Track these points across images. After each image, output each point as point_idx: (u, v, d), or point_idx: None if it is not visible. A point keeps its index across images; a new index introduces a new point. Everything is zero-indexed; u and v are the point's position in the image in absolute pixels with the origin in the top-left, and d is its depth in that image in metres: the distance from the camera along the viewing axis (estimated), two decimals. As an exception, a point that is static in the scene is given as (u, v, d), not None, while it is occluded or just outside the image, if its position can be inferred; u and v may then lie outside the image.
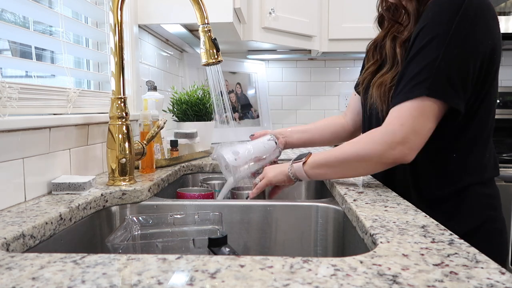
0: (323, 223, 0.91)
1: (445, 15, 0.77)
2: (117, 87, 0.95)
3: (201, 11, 0.98)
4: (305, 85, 2.60)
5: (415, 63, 0.79)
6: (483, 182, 0.88)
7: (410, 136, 0.78)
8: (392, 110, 0.81)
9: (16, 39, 0.97)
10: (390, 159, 0.80)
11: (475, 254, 0.49)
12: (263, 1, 1.85)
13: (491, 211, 0.88)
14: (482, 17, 0.78)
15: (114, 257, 0.48)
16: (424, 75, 0.77)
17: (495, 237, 0.87)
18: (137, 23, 1.48)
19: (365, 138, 0.84)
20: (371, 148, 0.81)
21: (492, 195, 0.89)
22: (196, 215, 0.82)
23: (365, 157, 0.82)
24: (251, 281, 0.41)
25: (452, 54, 0.76)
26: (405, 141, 0.78)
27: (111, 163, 0.94)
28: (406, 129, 0.77)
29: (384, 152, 0.80)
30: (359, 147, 0.83)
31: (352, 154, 0.84)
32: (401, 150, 0.78)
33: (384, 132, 0.80)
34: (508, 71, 2.53)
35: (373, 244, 0.56)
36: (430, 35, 0.78)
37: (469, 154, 0.86)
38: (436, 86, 0.76)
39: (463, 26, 0.76)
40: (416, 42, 0.80)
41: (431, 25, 0.79)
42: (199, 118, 1.55)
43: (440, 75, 0.76)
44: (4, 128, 0.72)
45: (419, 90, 0.77)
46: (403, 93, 0.79)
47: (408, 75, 0.80)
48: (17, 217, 0.67)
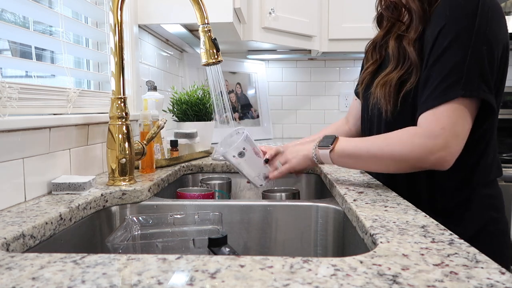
0: (323, 223, 0.91)
1: (464, 13, 0.76)
2: (117, 87, 0.95)
3: (201, 11, 0.98)
4: (305, 85, 2.60)
5: (441, 65, 0.77)
6: (487, 183, 0.87)
7: (452, 140, 0.75)
8: (427, 114, 0.77)
9: (16, 39, 0.97)
10: (428, 164, 0.77)
11: (475, 254, 0.49)
12: (263, 1, 1.85)
13: (494, 213, 0.87)
14: (495, 14, 0.77)
15: (114, 257, 0.48)
16: (455, 76, 0.75)
17: (498, 239, 0.86)
18: (137, 23, 1.48)
19: (403, 138, 0.79)
20: (410, 150, 0.77)
21: (495, 196, 0.88)
22: (196, 215, 0.82)
23: (402, 158, 0.79)
24: (251, 281, 0.41)
25: (479, 51, 0.75)
26: (447, 146, 0.75)
27: (111, 163, 0.94)
28: (448, 133, 0.74)
29: (423, 157, 0.76)
30: (397, 147, 0.79)
31: (387, 152, 0.80)
32: (441, 155, 0.75)
33: (426, 135, 0.76)
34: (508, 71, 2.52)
35: (373, 244, 0.56)
36: (452, 35, 0.76)
37: (476, 155, 0.85)
38: (471, 85, 0.74)
39: (484, 23, 0.75)
40: (438, 43, 0.78)
41: (451, 24, 0.77)
42: (199, 118, 1.55)
43: (472, 73, 0.74)
44: (4, 128, 0.72)
45: (454, 92, 0.74)
46: (436, 96, 0.76)
47: (436, 77, 0.77)
48: (17, 217, 0.67)
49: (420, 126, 0.78)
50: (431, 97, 0.77)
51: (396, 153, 0.79)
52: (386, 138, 0.82)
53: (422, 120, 0.78)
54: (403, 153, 0.78)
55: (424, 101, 0.79)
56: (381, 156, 0.81)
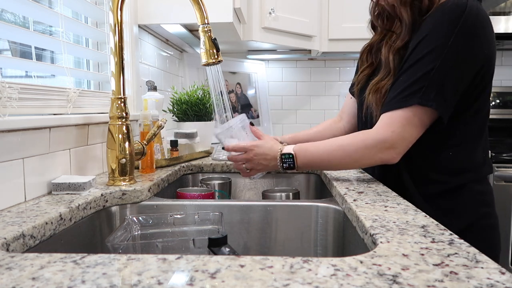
0: (323, 223, 0.91)
1: (444, 27, 0.81)
2: (117, 87, 0.95)
3: (201, 11, 0.98)
4: (305, 85, 2.60)
5: (411, 73, 0.83)
6: (477, 179, 0.92)
7: (399, 142, 0.84)
8: (384, 116, 0.86)
9: (16, 39, 0.97)
10: (378, 161, 0.88)
11: (475, 254, 0.49)
12: (263, 1, 1.85)
13: (486, 208, 0.92)
14: (480, 27, 0.82)
15: (114, 257, 0.48)
16: (418, 85, 0.82)
17: (489, 233, 0.92)
18: (137, 23, 1.48)
19: (357, 142, 0.89)
20: (364, 152, 0.88)
21: (486, 192, 0.93)
22: (196, 215, 0.82)
23: (357, 160, 0.90)
24: (251, 281, 0.41)
25: (446, 66, 0.81)
26: (394, 147, 0.85)
27: (111, 163, 0.94)
28: (396, 136, 0.84)
29: (374, 156, 0.87)
30: (352, 151, 0.89)
31: (345, 157, 0.90)
32: (389, 154, 0.86)
33: (376, 139, 0.86)
34: (508, 71, 2.53)
35: (373, 244, 0.56)
36: (428, 47, 0.82)
37: (465, 152, 0.90)
38: (428, 96, 0.81)
39: (461, 39, 0.80)
40: (414, 53, 0.84)
41: (430, 37, 0.83)
42: (199, 118, 1.55)
43: (433, 85, 0.81)
44: (4, 128, 0.72)
45: (412, 100, 0.82)
46: (396, 101, 0.84)
47: (402, 83, 0.84)
48: (17, 217, 0.67)
49: (375, 126, 0.88)
50: (393, 100, 0.85)
51: (353, 156, 0.90)
52: (342, 144, 0.91)
53: (379, 121, 0.88)
54: (358, 156, 0.89)
55: (387, 102, 0.87)
56: (341, 162, 0.92)
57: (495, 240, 0.93)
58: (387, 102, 0.87)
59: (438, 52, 0.81)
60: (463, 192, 0.89)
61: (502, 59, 2.53)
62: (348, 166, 0.95)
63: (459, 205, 0.90)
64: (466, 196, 0.90)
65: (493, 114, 2.39)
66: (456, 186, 0.89)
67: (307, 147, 0.95)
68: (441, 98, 0.81)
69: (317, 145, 0.95)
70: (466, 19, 0.80)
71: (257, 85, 2.48)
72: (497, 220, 0.94)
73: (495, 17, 2.14)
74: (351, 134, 0.92)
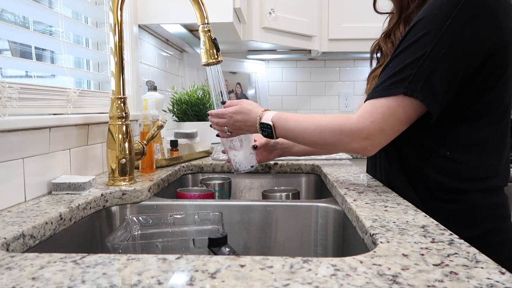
0: (323, 223, 0.91)
1: (442, 10, 0.72)
2: (117, 87, 0.95)
3: (201, 11, 0.98)
4: (305, 85, 2.60)
5: (400, 59, 0.76)
6: (487, 190, 0.81)
7: (376, 134, 0.78)
8: (367, 103, 0.80)
9: (16, 39, 0.97)
10: (352, 150, 0.83)
11: (475, 254, 0.49)
12: (263, 1, 1.85)
13: (496, 222, 0.81)
14: (485, 13, 0.71)
15: (114, 257, 0.48)
16: (405, 73, 0.75)
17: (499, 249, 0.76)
18: (137, 23, 1.48)
19: (334, 127, 0.83)
20: (338, 138, 0.83)
21: (497, 204, 0.82)
22: (196, 215, 0.82)
23: (331, 144, 0.86)
24: (251, 281, 0.41)
25: (438, 54, 0.72)
26: (370, 138, 0.79)
27: (111, 163, 0.94)
28: (374, 127, 0.78)
29: (348, 143, 0.82)
30: (327, 135, 0.84)
31: (319, 139, 0.86)
32: (363, 144, 0.80)
33: (354, 126, 0.80)
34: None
35: (373, 244, 0.56)
36: (423, 31, 0.74)
37: (468, 156, 0.80)
38: (415, 86, 0.74)
39: (458, 24, 0.71)
40: (409, 36, 0.77)
41: (426, 20, 0.74)
42: (199, 118, 1.55)
43: (421, 74, 0.73)
44: (4, 128, 0.72)
45: (397, 89, 0.75)
46: (382, 89, 0.78)
47: (390, 70, 0.78)
48: (17, 217, 0.67)
49: (356, 114, 0.81)
50: (379, 87, 0.78)
51: (327, 140, 0.85)
52: (319, 123, 0.86)
53: (363, 106, 0.81)
54: (332, 140, 0.84)
55: (373, 89, 0.81)
56: (315, 142, 0.89)
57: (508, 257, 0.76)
58: (373, 89, 0.80)
59: (431, 37, 0.72)
60: (467, 202, 0.80)
61: (502, 59, 2.53)
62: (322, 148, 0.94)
63: (462, 216, 0.80)
64: (470, 208, 0.80)
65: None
66: (458, 195, 0.80)
67: (286, 119, 0.91)
68: (428, 89, 0.73)
69: (296, 119, 0.90)
70: (467, 3, 0.70)
71: (257, 85, 2.48)
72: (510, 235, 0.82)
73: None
74: (332, 115, 0.87)
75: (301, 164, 1.35)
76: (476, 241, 0.71)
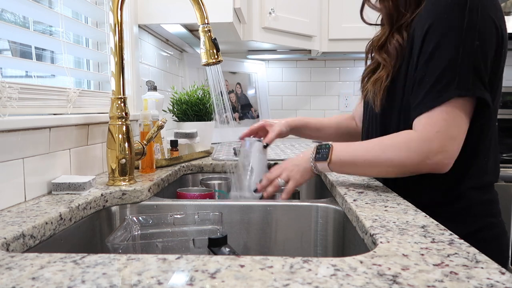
0: (323, 223, 0.91)
1: (453, 9, 0.74)
2: (117, 87, 0.95)
3: (201, 11, 0.98)
4: (305, 85, 2.60)
5: (434, 64, 0.75)
6: (480, 187, 0.84)
7: (448, 143, 0.74)
8: (422, 117, 0.76)
9: (16, 39, 0.97)
10: (426, 168, 0.77)
11: (475, 254, 0.49)
12: (263, 1, 1.85)
13: (489, 218, 0.85)
14: (486, 7, 0.74)
15: (114, 257, 0.48)
16: (449, 76, 0.74)
17: (492, 244, 0.83)
18: (137, 23, 1.48)
19: (399, 143, 0.78)
20: (407, 156, 0.77)
21: (490, 201, 0.86)
22: (196, 215, 0.82)
23: (400, 165, 0.79)
24: (251, 281, 0.41)
25: (472, 49, 0.73)
26: (443, 150, 0.74)
27: (111, 163, 0.94)
28: (443, 136, 0.74)
29: (421, 162, 0.76)
30: (393, 153, 0.78)
31: (385, 159, 0.80)
32: (439, 159, 0.75)
33: (421, 140, 0.75)
34: (508, 71, 2.53)
35: (373, 244, 0.56)
36: (441, 32, 0.74)
37: (466, 158, 0.81)
38: (466, 84, 0.73)
39: (474, 18, 0.72)
40: (427, 41, 0.76)
41: (440, 23, 0.75)
42: (199, 118, 1.55)
43: (466, 71, 0.73)
44: (4, 128, 0.72)
45: (448, 93, 0.73)
46: (431, 99, 0.75)
47: (429, 78, 0.76)
48: (17, 217, 0.67)
49: (416, 130, 0.77)
50: (426, 99, 0.76)
51: (394, 160, 0.79)
52: (381, 144, 0.81)
53: (417, 123, 0.77)
54: (401, 159, 0.78)
55: (418, 103, 0.78)
56: (379, 163, 0.81)
57: (499, 250, 0.85)
58: (418, 103, 0.77)
59: (456, 36, 0.73)
60: (463, 200, 0.83)
61: (502, 59, 2.53)
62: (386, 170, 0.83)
63: (457, 214, 0.83)
64: (466, 204, 0.83)
65: (493, 114, 2.38)
66: (456, 193, 0.83)
67: (346, 143, 0.87)
68: (479, 82, 0.73)
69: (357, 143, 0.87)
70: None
71: (257, 85, 2.48)
72: (503, 229, 0.86)
73: (495, 17, 2.13)
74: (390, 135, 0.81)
75: (301, 164, 1.35)
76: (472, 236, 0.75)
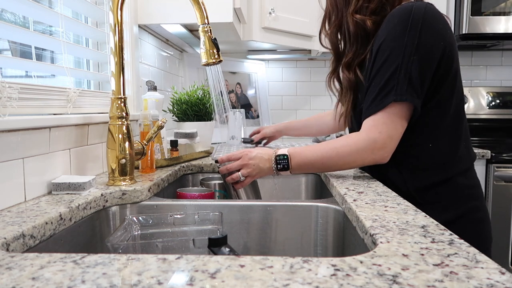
0: (323, 223, 0.91)
1: (397, 28, 0.88)
2: (117, 87, 0.95)
3: (201, 11, 0.98)
4: (305, 85, 2.60)
5: (380, 77, 0.90)
6: (461, 173, 0.95)
7: (387, 141, 0.90)
8: (368, 120, 0.91)
9: (16, 39, 0.97)
10: (371, 162, 0.93)
11: (475, 254, 0.49)
12: (263, 1, 1.85)
13: (474, 201, 0.96)
14: (430, 21, 0.87)
15: (114, 257, 0.48)
16: (389, 86, 0.88)
17: (478, 226, 0.95)
18: (137, 23, 1.48)
19: (349, 145, 0.93)
20: (357, 155, 0.92)
21: (473, 185, 0.97)
22: (196, 215, 0.82)
23: (351, 162, 0.94)
24: (251, 281, 0.41)
25: (409, 62, 0.87)
26: (384, 147, 0.90)
27: (111, 163, 0.94)
28: (384, 136, 0.89)
29: (367, 157, 0.92)
30: (345, 155, 0.93)
31: (339, 160, 0.94)
32: (381, 154, 0.91)
33: (367, 140, 0.90)
34: (508, 71, 2.53)
35: (373, 244, 0.56)
36: (388, 50, 0.89)
37: (443, 147, 0.94)
38: (401, 91, 0.87)
39: (414, 36, 0.87)
40: (378, 57, 0.91)
41: (388, 40, 0.89)
42: (199, 118, 1.55)
43: (403, 81, 0.87)
44: (4, 128, 0.72)
45: (388, 99, 0.88)
46: (375, 105, 0.90)
47: (375, 88, 0.90)
48: (17, 217, 0.67)
49: (363, 130, 0.92)
50: (372, 105, 0.91)
51: (346, 159, 0.94)
52: (335, 146, 0.95)
53: (364, 124, 0.93)
54: (352, 158, 0.93)
55: (367, 107, 0.92)
56: (334, 164, 0.96)
57: (485, 233, 0.97)
58: (366, 109, 0.92)
59: (398, 51, 0.87)
60: (449, 185, 0.94)
61: (502, 59, 2.53)
62: (340, 168, 0.98)
63: (445, 199, 0.93)
64: (452, 190, 0.94)
65: (493, 114, 2.39)
66: (441, 180, 0.93)
67: (301, 149, 0.98)
68: (411, 90, 0.87)
69: (311, 147, 0.98)
70: (414, 16, 0.87)
71: (257, 85, 2.48)
72: (486, 213, 0.98)
73: (495, 17, 2.14)
74: (343, 137, 0.96)
75: (301, 164, 1.35)
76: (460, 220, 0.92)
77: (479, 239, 0.94)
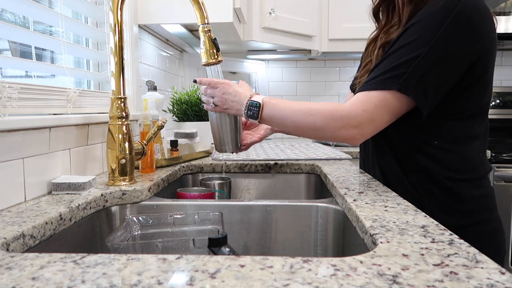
0: (323, 223, 0.91)
1: (437, 17, 0.78)
2: (117, 87, 0.95)
3: (201, 11, 0.98)
4: (305, 85, 2.60)
5: (395, 57, 0.80)
6: (472, 181, 0.87)
7: (366, 123, 0.81)
8: (360, 94, 0.83)
9: (16, 39, 0.97)
10: (340, 137, 0.84)
11: (475, 254, 0.49)
12: (263, 1, 1.85)
13: (485, 213, 0.87)
14: (476, 20, 0.78)
15: (114, 257, 0.48)
16: (401, 70, 0.79)
17: (487, 238, 0.86)
18: (137, 23, 1.48)
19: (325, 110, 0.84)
20: (328, 123, 0.84)
21: (485, 196, 0.88)
22: (196, 215, 0.82)
23: (320, 129, 0.85)
24: (251, 281, 0.41)
25: (433, 57, 0.77)
26: (360, 126, 0.81)
27: (111, 163, 0.94)
28: (366, 116, 0.80)
29: (337, 130, 0.83)
30: (317, 119, 0.85)
31: (309, 123, 0.86)
32: (353, 133, 0.82)
33: (345, 113, 0.82)
34: (508, 71, 2.53)
35: (373, 244, 0.56)
36: (418, 33, 0.79)
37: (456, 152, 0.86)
38: (409, 83, 0.78)
39: (451, 31, 0.77)
40: (403, 36, 0.81)
41: (421, 24, 0.80)
42: (199, 118, 1.55)
43: (416, 73, 0.78)
44: (4, 128, 0.72)
45: (392, 84, 0.79)
46: (376, 82, 0.81)
47: (385, 65, 0.81)
48: (17, 217, 0.67)
49: (349, 102, 0.83)
50: (373, 81, 0.82)
51: (317, 124, 0.85)
52: (310, 108, 0.86)
53: (354, 96, 0.84)
54: (323, 125, 0.84)
55: (366, 82, 0.84)
56: (304, 127, 0.87)
57: (496, 246, 0.88)
58: (366, 82, 0.84)
59: (427, 39, 0.77)
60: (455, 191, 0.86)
61: (502, 59, 2.53)
62: (308, 133, 0.90)
63: (449, 205, 0.86)
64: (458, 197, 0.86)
65: (493, 114, 2.39)
66: (447, 183, 0.86)
67: (277, 101, 0.91)
68: (421, 88, 0.78)
69: (287, 102, 0.90)
70: (460, 10, 0.77)
71: (257, 85, 2.48)
72: (499, 224, 0.89)
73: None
74: (324, 102, 0.89)
75: (301, 164, 1.35)
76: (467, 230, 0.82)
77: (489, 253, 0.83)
